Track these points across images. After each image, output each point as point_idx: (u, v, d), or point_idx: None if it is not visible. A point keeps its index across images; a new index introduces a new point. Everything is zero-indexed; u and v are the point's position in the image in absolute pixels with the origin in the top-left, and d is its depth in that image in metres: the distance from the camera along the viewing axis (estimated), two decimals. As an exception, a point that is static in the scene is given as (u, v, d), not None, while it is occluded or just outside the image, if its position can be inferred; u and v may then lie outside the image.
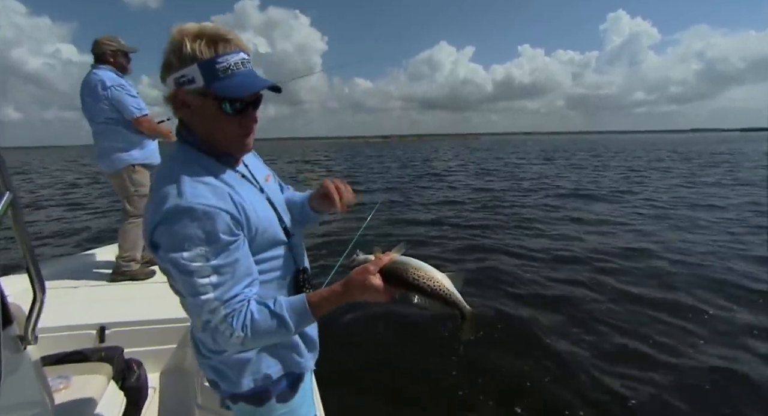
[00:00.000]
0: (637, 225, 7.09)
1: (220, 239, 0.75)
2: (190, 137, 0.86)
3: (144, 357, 1.91)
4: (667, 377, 2.75)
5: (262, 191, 0.94)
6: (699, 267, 4.82)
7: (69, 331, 1.93)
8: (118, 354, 1.65)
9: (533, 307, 3.83)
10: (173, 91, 0.80)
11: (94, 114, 2.64)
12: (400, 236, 6.66)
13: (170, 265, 0.75)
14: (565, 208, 8.94)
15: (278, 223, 0.93)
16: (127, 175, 2.73)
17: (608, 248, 5.63)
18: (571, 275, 4.67)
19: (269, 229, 0.88)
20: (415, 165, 23.14)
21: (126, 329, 2.00)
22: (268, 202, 0.93)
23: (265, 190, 0.96)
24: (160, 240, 0.75)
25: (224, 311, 0.75)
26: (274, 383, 0.95)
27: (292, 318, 0.80)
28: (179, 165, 0.80)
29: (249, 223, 0.82)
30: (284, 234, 0.93)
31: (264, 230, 0.86)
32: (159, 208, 0.74)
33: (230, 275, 0.76)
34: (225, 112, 0.80)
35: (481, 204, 9.73)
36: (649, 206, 8.82)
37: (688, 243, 5.83)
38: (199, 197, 0.74)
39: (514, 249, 5.81)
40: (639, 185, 12.39)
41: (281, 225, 0.94)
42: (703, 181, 12.83)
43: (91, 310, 2.13)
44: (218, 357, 0.92)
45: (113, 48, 2.66)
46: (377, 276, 0.81)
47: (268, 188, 0.98)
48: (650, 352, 3.04)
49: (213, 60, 0.76)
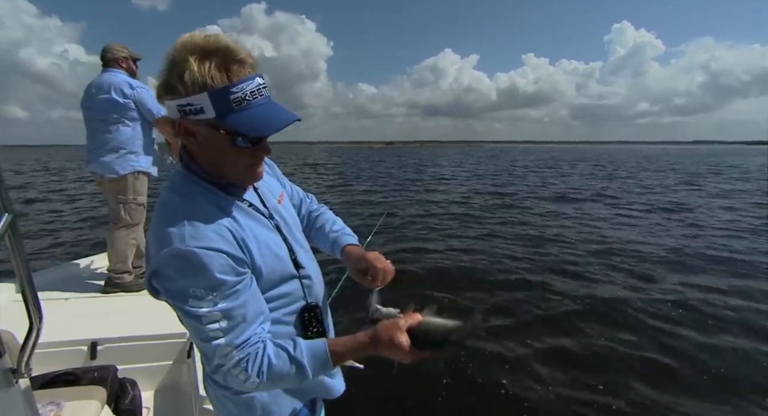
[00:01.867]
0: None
1: (226, 282, 0.69)
2: (192, 164, 0.78)
3: (138, 375, 1.82)
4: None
5: (272, 219, 0.87)
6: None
7: (59, 347, 1.83)
8: (111, 375, 1.57)
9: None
10: (176, 119, 0.71)
11: (110, 112, 2.58)
12: (406, 247, 6.58)
13: (176, 310, 0.71)
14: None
15: (288, 256, 0.86)
16: (131, 180, 2.67)
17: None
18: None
19: (276, 267, 0.82)
20: (428, 170, 23.01)
21: (119, 345, 1.91)
22: (278, 233, 0.87)
23: (276, 217, 0.89)
24: (163, 285, 0.70)
25: (238, 356, 0.71)
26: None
27: (312, 365, 0.75)
28: (181, 199, 0.74)
29: (254, 263, 0.77)
30: (294, 266, 0.87)
31: (271, 269, 0.80)
32: (160, 250, 0.68)
33: (241, 318, 0.71)
34: (238, 145, 0.72)
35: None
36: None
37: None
38: (200, 240, 0.68)
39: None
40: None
41: (291, 256, 0.87)
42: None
43: (82, 325, 2.03)
44: (226, 392, 0.87)
45: (124, 54, 2.68)
46: (405, 335, 0.77)
47: (280, 212, 0.91)
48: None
49: (227, 89, 0.66)
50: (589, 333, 3.54)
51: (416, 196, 12.84)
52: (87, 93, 2.64)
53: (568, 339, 3.46)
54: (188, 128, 0.71)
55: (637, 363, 3.09)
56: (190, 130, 0.72)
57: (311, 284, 0.91)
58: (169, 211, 0.72)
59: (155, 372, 1.96)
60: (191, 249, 0.67)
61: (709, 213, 9.46)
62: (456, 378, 2.87)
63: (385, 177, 19.74)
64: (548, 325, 3.71)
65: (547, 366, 3.03)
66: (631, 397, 2.67)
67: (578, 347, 3.34)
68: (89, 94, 2.62)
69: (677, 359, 3.14)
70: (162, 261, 0.68)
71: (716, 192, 13.44)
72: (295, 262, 0.87)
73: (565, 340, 3.43)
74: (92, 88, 2.61)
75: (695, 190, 14.10)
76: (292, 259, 0.87)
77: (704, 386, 2.83)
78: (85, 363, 1.82)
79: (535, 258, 5.82)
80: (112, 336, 1.91)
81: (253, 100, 0.69)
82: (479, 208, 10.53)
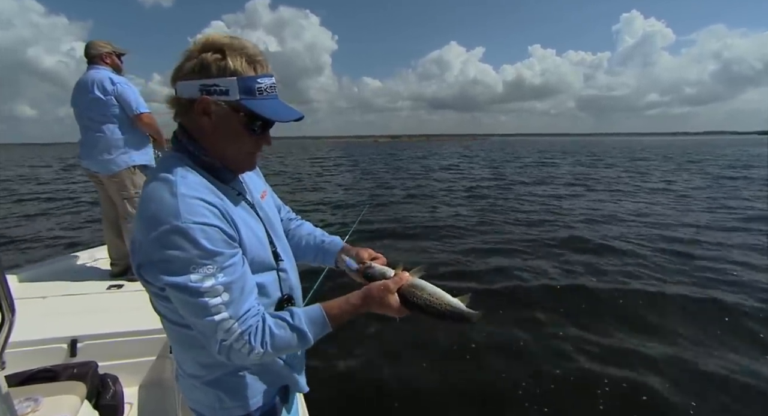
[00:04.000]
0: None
1: (225, 255, 0.72)
2: (191, 145, 0.81)
3: (120, 371, 1.82)
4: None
5: (256, 210, 0.90)
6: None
7: (37, 346, 1.81)
8: (91, 371, 1.56)
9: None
10: (197, 97, 0.76)
11: (96, 110, 2.60)
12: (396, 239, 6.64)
13: (175, 291, 0.71)
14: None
15: (269, 246, 0.89)
16: (129, 175, 2.71)
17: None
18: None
19: (259, 253, 0.84)
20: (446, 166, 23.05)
21: (100, 341, 1.89)
22: (260, 223, 0.89)
23: (259, 209, 0.92)
24: (158, 264, 0.70)
25: (240, 328, 0.73)
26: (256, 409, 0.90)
27: (311, 330, 0.80)
28: (172, 177, 0.75)
29: (242, 242, 0.79)
30: (273, 258, 0.89)
31: (254, 253, 0.83)
32: (153, 230, 0.69)
33: (239, 291, 0.74)
34: (251, 129, 0.80)
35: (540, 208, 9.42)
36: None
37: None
38: (194, 215, 0.70)
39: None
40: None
41: (272, 248, 0.90)
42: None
43: (61, 322, 2.00)
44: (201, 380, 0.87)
45: (108, 49, 2.69)
46: (395, 295, 0.86)
47: (263, 206, 0.94)
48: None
49: (254, 78, 0.77)
50: (568, 321, 3.64)
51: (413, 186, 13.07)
52: (74, 91, 2.68)
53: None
54: (206, 107, 0.77)
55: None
56: (208, 108, 0.77)
57: (287, 277, 0.94)
58: (158, 190, 0.73)
59: (138, 367, 1.96)
60: (188, 225, 0.68)
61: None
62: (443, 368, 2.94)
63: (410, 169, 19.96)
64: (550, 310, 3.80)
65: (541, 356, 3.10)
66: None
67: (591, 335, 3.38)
68: (76, 92, 2.67)
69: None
70: (157, 241, 0.69)
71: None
72: (274, 254, 0.90)
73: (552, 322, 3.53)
74: (78, 86, 2.64)
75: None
76: (273, 251, 0.89)
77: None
78: (65, 361, 1.80)
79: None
80: (92, 333, 1.90)
81: (270, 93, 0.80)
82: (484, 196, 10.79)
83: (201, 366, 0.86)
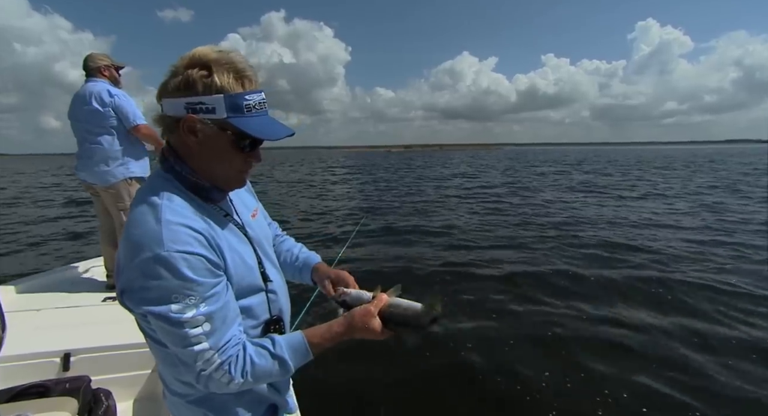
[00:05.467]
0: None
1: (207, 285, 0.70)
2: (177, 165, 0.79)
3: (113, 385, 1.78)
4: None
5: (245, 232, 0.89)
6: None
7: (29, 360, 1.78)
8: (84, 385, 1.53)
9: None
10: (182, 115, 0.74)
11: (93, 122, 2.64)
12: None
13: (156, 319, 0.69)
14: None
15: (257, 268, 0.87)
16: (125, 187, 2.72)
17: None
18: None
19: (245, 278, 0.83)
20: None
21: (93, 355, 1.86)
22: (249, 244, 0.88)
23: (249, 230, 0.90)
24: (139, 292, 0.69)
25: (220, 359, 0.72)
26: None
27: (293, 359, 0.79)
28: (158, 201, 0.73)
29: (227, 269, 0.78)
30: (262, 279, 0.88)
31: (241, 278, 0.81)
32: (135, 256, 0.67)
33: (221, 320, 0.73)
34: (239, 147, 0.77)
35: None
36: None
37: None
38: (178, 243, 0.68)
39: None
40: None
41: (260, 269, 0.88)
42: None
43: (54, 336, 1.97)
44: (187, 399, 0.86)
45: (106, 62, 2.73)
46: (377, 319, 0.85)
47: (252, 225, 0.93)
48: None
49: (242, 95, 0.74)
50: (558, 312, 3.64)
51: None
52: (72, 103, 2.71)
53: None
54: (193, 125, 0.74)
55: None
56: (194, 127, 0.74)
57: (276, 298, 0.92)
58: (144, 215, 0.71)
59: (132, 382, 1.92)
60: (170, 254, 0.66)
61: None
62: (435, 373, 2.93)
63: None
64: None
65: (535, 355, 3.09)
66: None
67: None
68: (73, 105, 2.69)
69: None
70: (139, 269, 0.67)
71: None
72: (263, 275, 0.88)
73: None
74: (76, 98, 2.68)
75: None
76: (261, 272, 0.88)
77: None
78: (57, 375, 1.77)
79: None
80: (86, 346, 1.87)
81: (258, 110, 0.77)
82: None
83: (186, 384, 0.84)
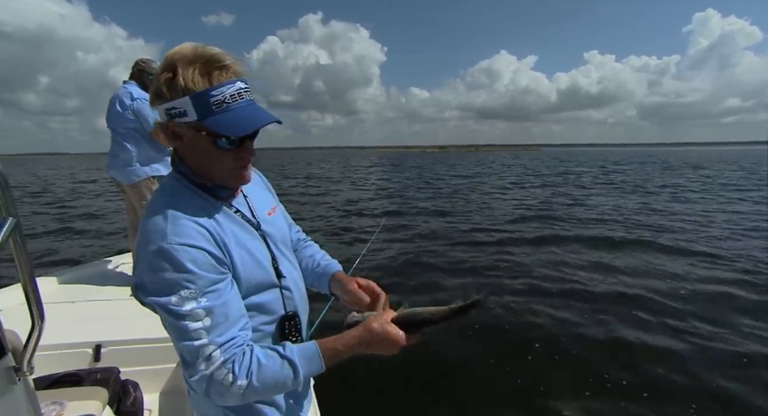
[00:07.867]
0: None
1: (208, 279, 0.70)
2: (182, 167, 0.81)
3: (140, 377, 1.84)
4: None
5: (259, 227, 0.88)
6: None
7: (64, 349, 1.87)
8: (113, 376, 1.59)
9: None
10: (164, 122, 0.76)
11: (117, 123, 2.82)
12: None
13: (158, 310, 0.71)
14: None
15: (270, 264, 0.86)
16: (148, 185, 2.87)
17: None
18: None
19: (256, 274, 0.82)
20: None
21: (123, 347, 1.94)
22: (262, 240, 0.87)
23: (264, 226, 0.89)
24: (146, 284, 0.71)
25: (223, 357, 0.70)
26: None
27: (303, 365, 0.75)
28: (168, 199, 0.76)
29: (234, 266, 0.77)
30: (276, 275, 0.86)
31: (251, 273, 0.80)
32: (144, 248, 0.71)
33: (223, 317, 0.71)
34: (220, 146, 0.75)
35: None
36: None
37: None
38: (181, 236, 0.70)
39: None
40: None
41: (274, 265, 0.87)
42: None
43: (87, 327, 2.06)
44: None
45: (140, 67, 2.91)
46: (395, 326, 0.82)
47: (268, 222, 0.92)
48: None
49: (206, 93, 0.70)
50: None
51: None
52: (108, 106, 2.90)
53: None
54: (175, 131, 0.75)
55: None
56: (177, 132, 0.75)
57: (291, 295, 0.90)
58: (154, 212, 0.74)
59: (158, 374, 1.99)
60: (172, 246, 0.69)
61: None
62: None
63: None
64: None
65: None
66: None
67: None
68: (108, 107, 2.88)
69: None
70: (146, 262, 0.70)
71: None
72: (277, 271, 0.87)
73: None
74: (110, 101, 2.86)
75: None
76: (275, 268, 0.87)
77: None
78: (89, 365, 1.85)
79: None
80: (116, 339, 1.94)
81: (233, 102, 0.72)
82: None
83: None
